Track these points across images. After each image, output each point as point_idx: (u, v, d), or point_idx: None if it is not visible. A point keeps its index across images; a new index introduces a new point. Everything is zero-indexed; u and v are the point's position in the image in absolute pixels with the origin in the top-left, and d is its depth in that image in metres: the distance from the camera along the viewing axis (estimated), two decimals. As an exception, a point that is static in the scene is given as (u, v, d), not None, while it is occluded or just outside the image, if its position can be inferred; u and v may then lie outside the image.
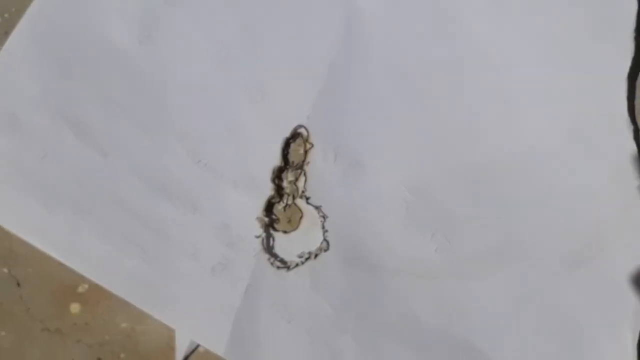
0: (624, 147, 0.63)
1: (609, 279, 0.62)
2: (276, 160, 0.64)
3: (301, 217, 0.65)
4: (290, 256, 0.64)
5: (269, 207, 0.64)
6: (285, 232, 0.64)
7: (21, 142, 0.62)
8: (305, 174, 0.64)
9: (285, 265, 0.63)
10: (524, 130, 0.63)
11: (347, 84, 0.64)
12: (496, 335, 0.62)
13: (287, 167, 0.64)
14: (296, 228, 0.65)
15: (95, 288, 0.63)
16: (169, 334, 0.63)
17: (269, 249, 0.64)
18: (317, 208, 0.64)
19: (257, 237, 0.63)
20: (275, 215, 0.65)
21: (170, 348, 0.63)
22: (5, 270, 0.63)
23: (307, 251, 0.63)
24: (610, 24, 0.63)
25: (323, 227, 0.63)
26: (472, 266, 0.63)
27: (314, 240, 0.64)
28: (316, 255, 0.63)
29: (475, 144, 0.64)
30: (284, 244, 0.64)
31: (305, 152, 0.64)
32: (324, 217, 0.64)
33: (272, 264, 0.63)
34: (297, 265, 0.63)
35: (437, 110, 0.64)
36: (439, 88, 0.64)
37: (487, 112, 0.64)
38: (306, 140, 0.64)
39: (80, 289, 0.64)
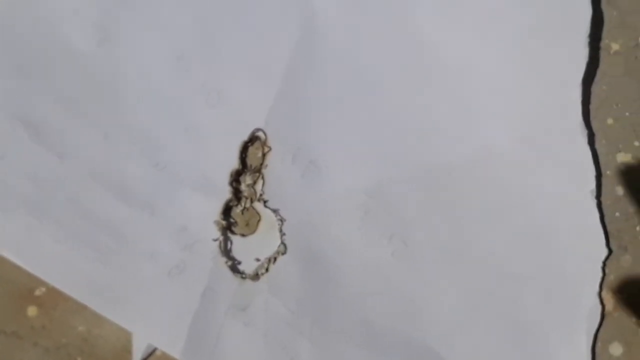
0: (579, 151, 0.63)
1: (564, 281, 0.63)
2: (234, 164, 0.64)
3: (259, 221, 0.65)
4: (247, 259, 0.64)
5: (226, 210, 0.64)
6: (243, 235, 0.65)
7: (-24, 145, 0.62)
8: (263, 177, 0.64)
9: (245, 276, 0.63)
10: (479, 132, 0.64)
11: (304, 87, 0.64)
12: (451, 337, 0.63)
13: (245, 170, 0.64)
14: (254, 231, 0.65)
15: (52, 291, 0.63)
16: (126, 337, 0.63)
17: (226, 252, 0.64)
18: (275, 211, 0.64)
19: (215, 240, 0.63)
20: (233, 219, 0.65)
21: (128, 351, 0.63)
22: (-39, 273, 0.63)
23: (265, 260, 0.64)
24: (565, 28, 0.63)
25: (281, 231, 0.64)
26: (428, 269, 0.63)
27: (272, 244, 0.64)
28: (274, 259, 0.63)
29: (431, 147, 0.64)
30: (241, 247, 0.64)
31: (264, 155, 0.64)
32: (282, 220, 0.64)
33: (230, 269, 0.63)
34: (257, 275, 0.63)
35: (395, 112, 0.64)
36: (395, 90, 0.64)
37: (443, 114, 0.64)
38: (264, 143, 0.64)
39: (38, 292, 0.64)
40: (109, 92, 0.64)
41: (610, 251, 0.63)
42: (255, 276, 0.63)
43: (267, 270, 0.63)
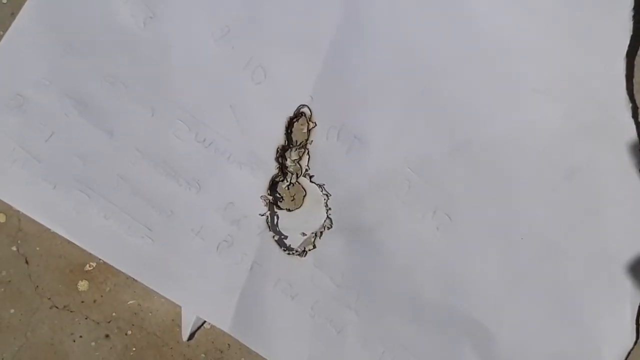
0: (623, 125, 0.64)
1: (608, 254, 0.64)
2: (280, 140, 0.65)
3: (304, 196, 0.66)
4: (294, 234, 0.65)
5: (273, 186, 0.65)
6: (289, 210, 0.65)
7: (28, 122, 0.63)
8: (308, 153, 0.65)
9: (292, 251, 0.64)
10: (523, 107, 0.64)
11: (349, 62, 0.65)
12: (497, 310, 0.63)
13: (291, 146, 0.65)
14: (300, 206, 0.66)
15: (102, 266, 0.64)
16: (175, 310, 0.64)
17: (273, 227, 0.64)
18: (320, 186, 0.65)
19: (262, 215, 0.64)
20: (279, 194, 0.66)
21: (177, 325, 0.64)
22: (14, 248, 0.64)
23: (311, 234, 0.64)
24: (609, 2, 0.63)
25: (326, 205, 0.64)
26: (473, 242, 0.64)
27: (318, 218, 0.65)
28: (320, 234, 0.64)
29: (475, 121, 0.65)
30: (287, 222, 0.65)
31: (309, 131, 0.65)
32: (327, 195, 0.64)
33: (277, 243, 0.64)
34: (303, 252, 0.64)
35: (439, 87, 0.65)
36: (438, 65, 0.65)
37: (487, 89, 0.64)
38: (309, 119, 0.65)
39: (88, 267, 0.65)
40: (156, 69, 0.65)
41: (654, 224, 0.63)
42: (303, 252, 0.64)
43: (314, 246, 0.64)
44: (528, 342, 0.63)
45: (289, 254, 0.64)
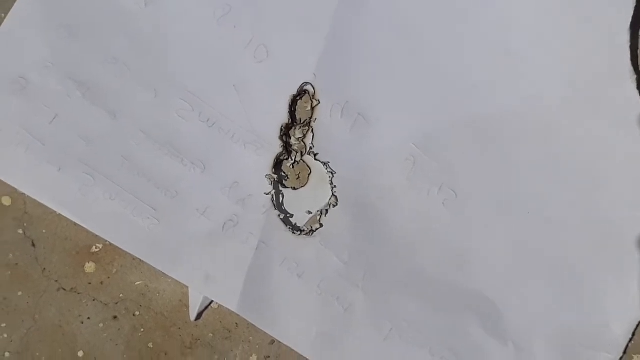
0: (627, 96, 0.63)
1: (615, 227, 0.63)
2: (283, 118, 0.64)
3: (309, 174, 0.65)
4: (299, 212, 0.65)
5: (277, 165, 0.65)
6: (294, 188, 0.65)
7: (31, 105, 0.63)
8: (312, 131, 0.65)
9: (299, 231, 0.64)
10: (527, 81, 0.64)
11: (351, 39, 0.64)
12: (503, 285, 0.63)
13: (295, 124, 0.65)
14: (305, 184, 0.65)
15: (109, 247, 0.64)
16: (183, 291, 0.64)
17: (278, 205, 0.64)
18: (325, 164, 0.64)
19: (267, 194, 0.64)
20: (284, 172, 0.66)
21: (184, 305, 0.64)
22: (20, 231, 0.64)
23: (316, 212, 0.64)
24: (613, -28, 0.63)
25: (331, 183, 0.64)
26: (479, 218, 0.64)
27: (323, 196, 0.65)
28: (326, 211, 0.64)
29: (479, 96, 0.64)
30: (293, 200, 0.65)
31: (312, 108, 0.65)
32: (332, 173, 0.64)
33: (283, 222, 0.64)
34: (310, 231, 0.64)
35: (442, 63, 0.64)
36: (442, 41, 0.64)
37: (490, 63, 0.64)
38: (313, 97, 0.64)
39: (95, 249, 0.65)
40: (158, 50, 0.64)
41: (661, 195, 0.63)
42: (310, 232, 0.64)
43: (321, 225, 0.64)
44: (535, 317, 0.63)
45: (296, 234, 0.64)
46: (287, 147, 0.65)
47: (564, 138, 0.64)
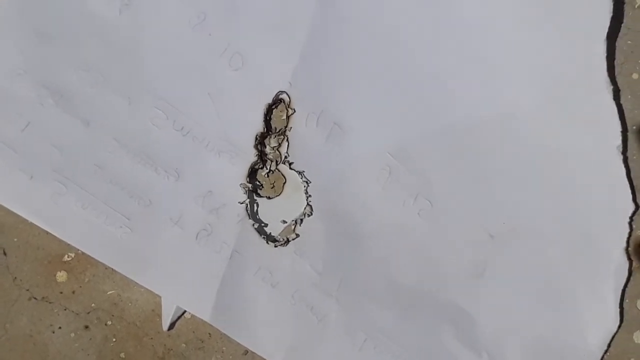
0: (604, 107, 0.63)
1: (591, 238, 0.63)
2: (259, 127, 0.64)
3: (284, 183, 0.65)
4: (274, 221, 0.64)
5: (252, 173, 0.64)
6: (269, 197, 0.65)
7: (3, 113, 0.62)
8: (287, 140, 0.64)
9: (273, 240, 0.63)
10: (503, 91, 0.63)
11: (327, 48, 0.64)
12: (478, 295, 0.63)
13: (270, 133, 0.64)
14: (280, 194, 0.65)
15: (81, 256, 0.64)
16: (155, 300, 0.64)
17: (253, 215, 0.64)
18: (300, 173, 0.64)
19: (241, 203, 0.63)
20: (259, 181, 0.65)
21: (157, 315, 0.64)
22: (-9, 240, 0.64)
23: (291, 222, 0.64)
24: (589, -17, 0.63)
25: (306, 192, 0.64)
26: (455, 228, 0.63)
27: (298, 206, 0.64)
28: (301, 221, 0.64)
29: (455, 107, 0.64)
30: (267, 209, 0.65)
31: (288, 117, 0.64)
32: (307, 182, 0.64)
33: (257, 231, 0.63)
34: (285, 242, 0.63)
35: (418, 73, 0.64)
36: (418, 51, 0.64)
37: (467, 74, 0.64)
38: (288, 105, 0.64)
39: (66, 258, 0.64)
40: (132, 57, 0.64)
41: (637, 207, 0.63)
42: (285, 242, 0.63)
43: (297, 235, 0.63)
44: (511, 326, 0.63)
45: (272, 245, 0.63)
46: (262, 156, 0.64)
47: (540, 148, 0.64)
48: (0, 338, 0.63)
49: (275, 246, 0.63)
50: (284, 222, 0.64)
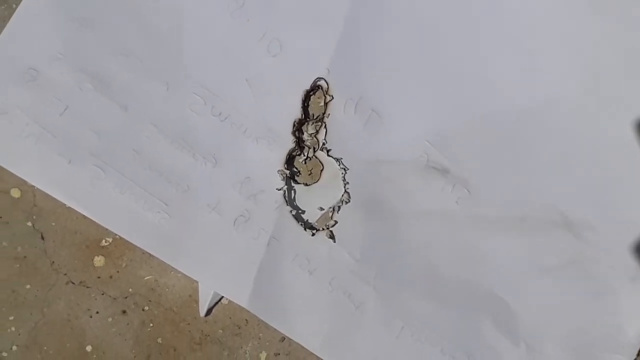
0: (644, 97, 0.63)
1: (630, 226, 0.63)
2: (296, 113, 0.64)
3: (322, 170, 0.65)
4: (311, 208, 0.64)
5: (290, 160, 0.64)
6: (306, 184, 0.65)
7: (42, 97, 0.62)
8: (325, 127, 0.64)
9: (311, 227, 0.63)
10: (542, 80, 0.63)
11: (365, 35, 0.64)
12: (517, 284, 0.63)
13: (308, 119, 0.64)
14: (317, 180, 0.65)
15: (118, 241, 0.64)
16: (192, 286, 0.64)
17: (290, 201, 0.64)
18: (338, 160, 0.64)
19: (279, 189, 0.63)
20: (297, 168, 0.65)
21: (194, 300, 0.64)
22: (29, 224, 0.64)
23: (328, 209, 0.64)
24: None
25: (344, 179, 0.64)
26: (492, 216, 0.63)
27: (335, 193, 0.64)
28: (338, 208, 0.63)
29: (493, 95, 0.64)
30: (305, 196, 0.64)
31: (326, 104, 0.64)
32: (345, 169, 0.64)
33: (295, 218, 0.63)
34: (324, 230, 0.63)
35: (457, 60, 0.64)
36: (457, 38, 0.64)
37: (505, 62, 0.63)
38: (326, 92, 0.64)
39: (104, 242, 0.64)
40: (171, 43, 0.64)
41: (678, 196, 0.62)
42: (326, 230, 0.63)
43: (335, 222, 0.63)
44: (549, 317, 0.63)
45: (309, 232, 0.63)
46: (299, 143, 0.64)
47: (580, 137, 0.63)
48: (38, 322, 0.63)
49: (313, 235, 0.63)
50: (321, 209, 0.64)
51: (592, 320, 0.63)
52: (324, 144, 0.64)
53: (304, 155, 0.64)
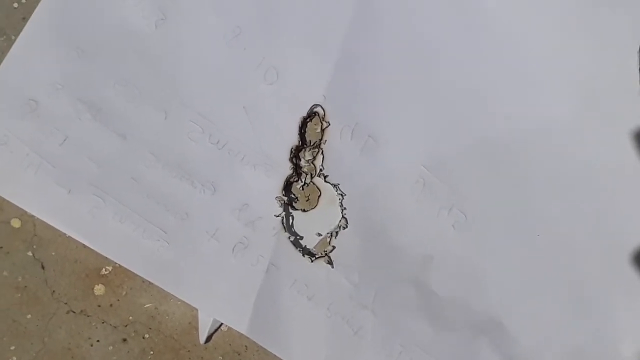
0: (639, 116, 0.63)
1: (626, 248, 0.63)
2: (293, 140, 0.64)
3: (319, 196, 0.65)
4: (309, 234, 0.65)
5: (287, 187, 0.65)
6: (304, 210, 0.65)
7: (42, 127, 0.63)
8: (322, 153, 0.65)
9: (309, 253, 0.64)
10: (538, 103, 0.64)
11: (361, 61, 0.64)
12: (514, 308, 0.63)
13: (305, 146, 0.65)
14: (315, 206, 0.65)
15: (118, 270, 0.64)
16: (192, 313, 0.64)
17: (288, 227, 0.64)
18: (335, 186, 0.64)
19: (277, 216, 0.64)
20: (294, 194, 0.65)
21: (194, 327, 0.64)
22: (30, 253, 0.64)
23: (326, 234, 0.64)
24: (624, -5, 0.63)
25: (341, 205, 0.64)
26: (489, 240, 0.64)
27: (333, 218, 0.65)
28: (336, 234, 0.64)
29: (490, 118, 0.64)
30: (303, 222, 0.65)
31: (322, 130, 0.65)
32: (342, 195, 0.64)
33: (293, 244, 0.64)
34: (323, 257, 0.63)
35: (451, 85, 0.64)
36: (452, 63, 0.64)
37: (502, 85, 0.64)
38: (323, 119, 0.64)
39: (104, 271, 0.65)
40: (168, 72, 0.64)
41: (672, 218, 0.63)
42: (325, 256, 0.63)
43: (333, 247, 0.63)
44: (546, 338, 0.63)
45: (308, 259, 0.63)
46: (297, 169, 0.65)
47: (575, 159, 0.64)
48: (39, 352, 0.63)
49: (312, 261, 0.63)
50: (319, 234, 0.65)
51: (588, 340, 0.63)
52: (321, 170, 0.65)
53: (302, 182, 0.65)
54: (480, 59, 0.64)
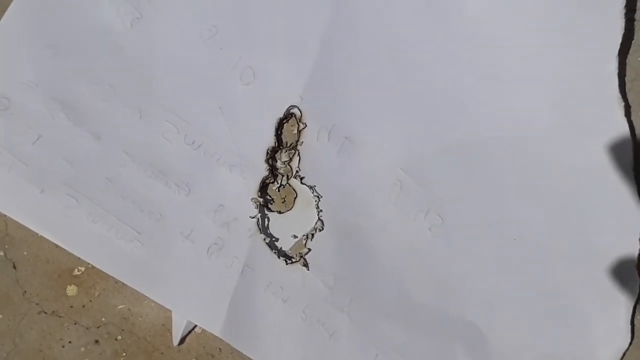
0: (615, 123, 0.63)
1: (601, 255, 0.63)
2: (270, 141, 0.64)
3: (295, 197, 0.65)
4: (285, 236, 0.64)
5: (263, 188, 0.64)
6: (280, 212, 0.65)
7: (14, 126, 0.62)
8: (299, 154, 0.64)
9: (285, 255, 0.63)
10: (515, 107, 0.64)
11: (339, 62, 0.64)
12: (490, 311, 0.63)
13: (281, 147, 0.64)
14: (291, 208, 0.65)
15: (91, 270, 0.64)
16: (166, 315, 0.64)
17: (264, 229, 0.64)
18: (311, 188, 0.64)
19: (252, 217, 0.63)
20: (270, 196, 0.65)
21: (167, 329, 0.64)
22: (1, 253, 0.63)
23: (302, 236, 0.64)
24: (601, 0, 0.63)
25: (317, 207, 0.64)
26: (465, 243, 0.63)
27: (309, 220, 0.64)
28: (312, 236, 0.64)
29: (467, 122, 0.64)
30: (278, 224, 0.64)
31: (299, 132, 0.64)
32: (318, 196, 0.64)
33: (268, 246, 0.63)
34: (299, 260, 0.63)
35: (429, 88, 0.64)
36: (430, 66, 0.64)
37: (479, 89, 0.64)
38: (299, 120, 0.64)
39: (77, 272, 0.64)
40: (143, 71, 0.64)
41: (647, 223, 0.63)
42: (300, 259, 0.63)
43: (309, 249, 0.63)
44: (522, 343, 0.63)
45: (281, 258, 0.63)
46: (273, 171, 0.64)
47: (551, 164, 0.64)
48: (9, 352, 0.62)
49: (287, 263, 0.63)
50: (295, 236, 0.64)
51: (564, 346, 0.63)
52: (297, 171, 0.64)
53: (278, 183, 0.65)
54: (457, 62, 0.64)
